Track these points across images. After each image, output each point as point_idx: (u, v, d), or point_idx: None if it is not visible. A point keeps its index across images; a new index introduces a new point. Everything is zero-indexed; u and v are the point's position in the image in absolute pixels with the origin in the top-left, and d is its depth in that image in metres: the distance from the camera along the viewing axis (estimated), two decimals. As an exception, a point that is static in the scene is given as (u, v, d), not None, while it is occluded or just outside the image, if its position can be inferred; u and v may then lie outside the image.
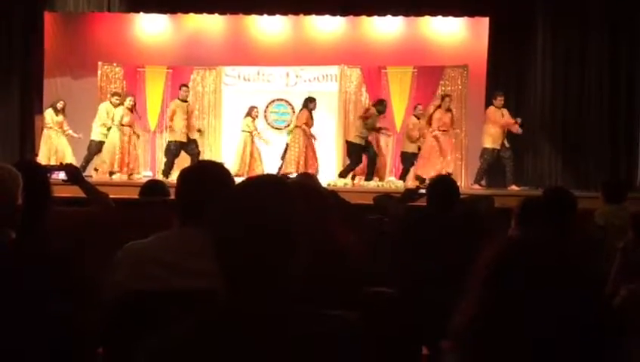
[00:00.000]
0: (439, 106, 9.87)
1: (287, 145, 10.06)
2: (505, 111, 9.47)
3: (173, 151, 9.95)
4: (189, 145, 9.97)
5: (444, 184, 3.41)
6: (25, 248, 1.89)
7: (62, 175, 3.20)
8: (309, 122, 9.84)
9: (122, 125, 9.88)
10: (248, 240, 1.21)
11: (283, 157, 10.01)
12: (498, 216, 3.57)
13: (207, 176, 2.04)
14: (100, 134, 9.99)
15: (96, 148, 9.98)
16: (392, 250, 3.31)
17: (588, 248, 2.93)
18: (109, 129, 9.94)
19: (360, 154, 9.58)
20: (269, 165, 10.20)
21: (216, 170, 2.09)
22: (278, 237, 1.22)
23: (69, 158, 9.61)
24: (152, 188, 4.25)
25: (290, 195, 1.29)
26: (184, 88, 10.15)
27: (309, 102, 9.88)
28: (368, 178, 9.60)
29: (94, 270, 2.08)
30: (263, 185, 1.32)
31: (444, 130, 9.72)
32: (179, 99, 10.09)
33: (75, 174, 3.16)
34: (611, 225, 3.81)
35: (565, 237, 2.43)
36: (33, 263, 1.81)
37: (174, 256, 1.95)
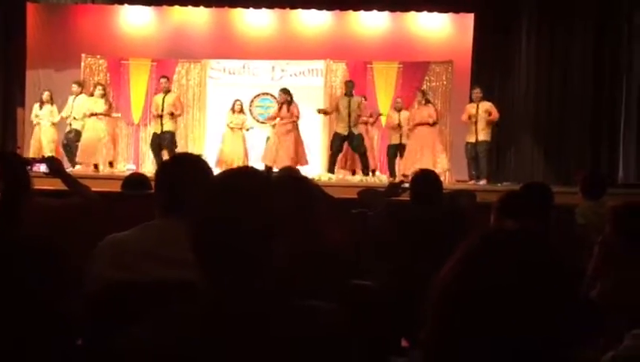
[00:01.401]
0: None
1: None
2: (484, 104, 9.41)
3: (152, 144, 9.88)
4: (163, 137, 9.78)
5: (426, 179, 3.43)
6: (2, 236, 1.88)
7: (43, 167, 3.18)
8: (276, 115, 9.76)
9: (90, 115, 9.72)
10: (226, 230, 1.21)
11: None
12: (479, 211, 3.59)
13: (185, 168, 2.04)
14: (67, 124, 9.91)
15: (66, 138, 9.88)
16: (376, 244, 3.32)
17: (568, 243, 2.97)
18: (69, 119, 9.82)
19: (339, 143, 9.53)
20: (255, 159, 10.17)
21: (195, 162, 2.09)
22: (256, 227, 1.22)
23: (48, 148, 9.53)
24: (134, 181, 4.23)
25: (270, 187, 1.28)
26: (162, 80, 10.02)
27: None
28: (364, 172, 9.57)
29: (76, 261, 2.07)
30: (242, 176, 1.32)
31: (420, 124, 9.64)
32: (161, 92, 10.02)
33: (56, 166, 3.14)
34: (590, 222, 3.83)
35: (545, 231, 2.46)
36: (12, 251, 1.79)
37: (155, 247, 1.95)
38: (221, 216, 1.23)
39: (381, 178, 9.72)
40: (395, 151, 9.90)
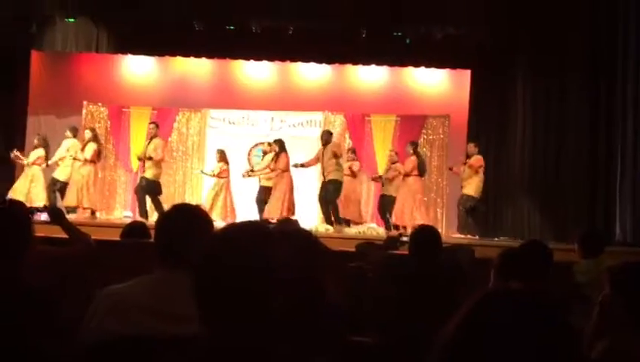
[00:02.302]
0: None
1: None
2: (473, 157, 9.52)
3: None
4: (141, 183, 9.74)
5: (426, 234, 3.44)
6: (4, 286, 1.88)
7: (44, 216, 3.19)
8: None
9: (75, 159, 9.76)
10: (230, 284, 1.23)
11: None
12: (478, 266, 3.59)
13: (186, 218, 2.05)
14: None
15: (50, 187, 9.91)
16: (374, 298, 3.31)
17: (567, 302, 2.96)
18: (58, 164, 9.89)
19: (320, 193, 9.65)
20: (244, 209, 10.18)
21: (195, 212, 2.10)
22: (259, 281, 1.24)
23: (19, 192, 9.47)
24: (134, 229, 4.23)
25: (272, 240, 1.31)
26: (150, 125, 10.01)
27: None
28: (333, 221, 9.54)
29: (74, 310, 2.06)
30: (245, 230, 1.36)
31: (406, 175, 9.70)
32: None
33: (57, 215, 3.15)
34: (589, 280, 3.83)
35: (545, 290, 2.46)
36: (13, 300, 1.79)
37: (154, 301, 1.94)
38: (225, 270, 1.25)
39: (378, 230, 9.71)
40: (384, 202, 9.93)
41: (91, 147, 9.75)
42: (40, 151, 9.90)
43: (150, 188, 9.57)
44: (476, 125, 10.40)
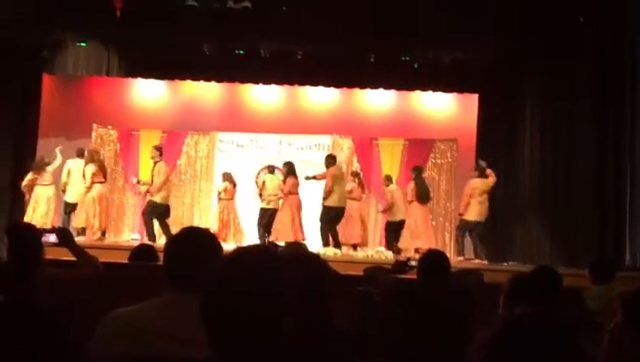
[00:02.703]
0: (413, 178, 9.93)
1: None
2: (468, 183, 9.50)
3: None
4: (147, 206, 9.70)
5: (434, 258, 3.43)
6: (14, 308, 1.88)
7: (52, 237, 3.20)
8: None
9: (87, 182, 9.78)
10: (239, 308, 1.23)
11: None
12: (487, 291, 3.56)
13: (196, 242, 2.06)
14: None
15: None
16: (381, 323, 3.28)
17: (578, 328, 2.92)
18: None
19: None
20: (253, 230, 10.17)
21: (203, 236, 2.11)
22: (269, 305, 1.24)
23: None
24: (142, 252, 4.23)
25: (281, 264, 1.31)
26: (153, 149, 9.95)
27: None
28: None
29: (82, 332, 2.06)
30: (254, 253, 1.35)
31: (411, 201, 9.71)
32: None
33: (65, 237, 3.16)
34: (601, 306, 3.79)
35: (555, 316, 2.44)
36: (22, 323, 1.79)
37: (162, 324, 1.94)
38: (235, 295, 1.25)
39: (386, 254, 9.67)
40: (391, 227, 9.95)
41: (89, 170, 9.61)
42: (31, 174, 9.82)
43: (158, 211, 9.55)
44: (484, 149, 10.39)
